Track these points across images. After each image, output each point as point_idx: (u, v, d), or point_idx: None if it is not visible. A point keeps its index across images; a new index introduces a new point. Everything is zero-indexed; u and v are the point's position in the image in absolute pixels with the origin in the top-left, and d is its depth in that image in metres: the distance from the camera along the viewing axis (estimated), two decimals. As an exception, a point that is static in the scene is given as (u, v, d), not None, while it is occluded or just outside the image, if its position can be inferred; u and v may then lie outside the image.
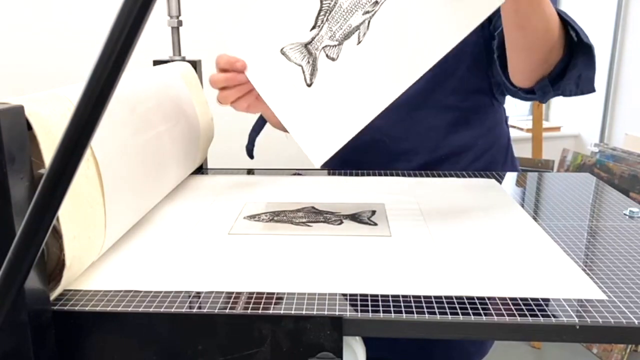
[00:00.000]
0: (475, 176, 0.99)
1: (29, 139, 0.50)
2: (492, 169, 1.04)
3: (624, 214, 0.80)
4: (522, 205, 0.84)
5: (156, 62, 1.01)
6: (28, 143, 0.49)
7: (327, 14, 0.74)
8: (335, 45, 0.74)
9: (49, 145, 0.52)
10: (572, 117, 2.90)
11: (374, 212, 0.80)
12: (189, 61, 1.01)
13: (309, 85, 0.76)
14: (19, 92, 0.58)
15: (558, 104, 2.98)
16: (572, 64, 0.81)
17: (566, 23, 0.78)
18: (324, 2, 0.73)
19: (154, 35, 0.94)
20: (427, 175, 0.99)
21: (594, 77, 0.80)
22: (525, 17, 0.74)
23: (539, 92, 0.85)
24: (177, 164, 0.86)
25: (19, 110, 0.48)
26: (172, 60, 1.01)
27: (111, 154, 0.63)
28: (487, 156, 1.04)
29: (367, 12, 0.72)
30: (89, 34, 1.66)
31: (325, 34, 0.74)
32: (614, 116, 2.73)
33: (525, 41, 0.78)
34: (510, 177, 1.00)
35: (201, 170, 1.05)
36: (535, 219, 0.78)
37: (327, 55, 0.75)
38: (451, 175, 0.99)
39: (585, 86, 0.82)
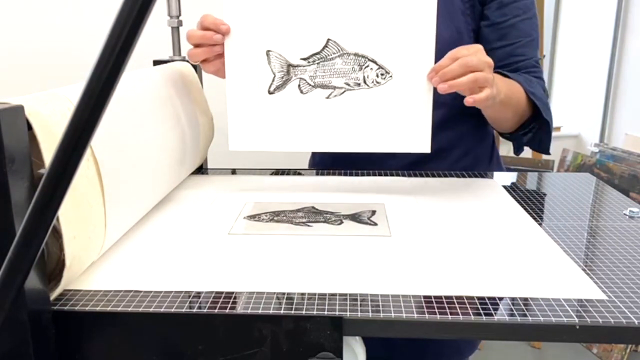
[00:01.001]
0: (475, 176, 0.99)
1: (29, 139, 0.50)
2: (478, 165, 1.07)
3: (624, 214, 0.80)
4: (522, 205, 0.84)
5: (156, 62, 1.01)
6: (28, 143, 0.49)
7: (321, 60, 0.84)
8: (310, 85, 0.85)
9: (49, 145, 0.52)
10: (572, 117, 2.90)
11: (374, 212, 0.80)
12: (189, 61, 1.01)
13: (269, 93, 0.85)
14: (19, 92, 0.58)
15: (558, 104, 2.98)
16: (538, 125, 0.98)
17: (530, 97, 0.94)
18: (325, 50, 0.83)
19: (154, 35, 0.93)
20: (427, 175, 0.99)
21: (550, 143, 1.00)
22: (499, 112, 0.94)
23: (514, 143, 1.04)
24: (177, 164, 0.86)
25: (19, 110, 0.48)
26: (172, 60, 1.01)
27: (111, 154, 0.63)
28: (475, 153, 1.07)
29: (348, 84, 0.84)
30: (90, 33, 1.66)
31: (309, 70, 0.84)
32: (614, 116, 2.73)
33: (500, 122, 0.99)
34: (510, 177, 1.00)
35: (201, 170, 1.05)
36: (535, 219, 0.78)
37: (299, 86, 0.85)
38: (451, 175, 0.99)
39: (544, 148, 1.00)
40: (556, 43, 2.94)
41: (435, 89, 0.81)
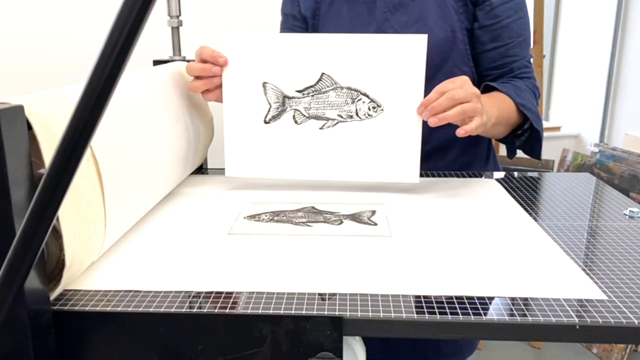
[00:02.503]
0: (475, 176, 0.99)
1: (29, 139, 0.50)
2: (475, 164, 1.08)
3: (624, 214, 0.80)
4: (522, 205, 0.84)
5: (156, 62, 1.01)
6: (28, 143, 0.49)
7: (315, 93, 0.87)
8: (305, 116, 0.88)
9: (49, 145, 0.52)
10: (572, 117, 2.90)
11: (374, 212, 0.80)
12: (188, 61, 1.01)
13: (265, 122, 0.89)
14: (19, 92, 0.58)
15: (558, 103, 2.98)
16: (530, 130, 1.01)
17: (521, 109, 0.97)
18: (319, 84, 0.87)
19: (154, 35, 0.94)
20: (427, 175, 0.99)
21: (541, 149, 1.03)
22: (492, 132, 0.97)
23: (507, 147, 1.07)
24: (177, 164, 0.86)
25: (19, 110, 0.48)
26: (172, 60, 1.01)
27: (111, 154, 0.63)
28: (471, 151, 1.07)
29: (340, 116, 0.88)
30: (90, 33, 1.66)
31: (304, 102, 0.88)
32: (614, 116, 2.72)
33: (493, 136, 1.03)
34: (510, 177, 1.00)
35: (201, 170, 1.05)
36: (535, 219, 0.78)
37: (293, 116, 0.89)
38: (451, 175, 0.99)
39: (536, 154, 1.04)
40: (556, 43, 2.94)
41: (424, 122, 0.84)
